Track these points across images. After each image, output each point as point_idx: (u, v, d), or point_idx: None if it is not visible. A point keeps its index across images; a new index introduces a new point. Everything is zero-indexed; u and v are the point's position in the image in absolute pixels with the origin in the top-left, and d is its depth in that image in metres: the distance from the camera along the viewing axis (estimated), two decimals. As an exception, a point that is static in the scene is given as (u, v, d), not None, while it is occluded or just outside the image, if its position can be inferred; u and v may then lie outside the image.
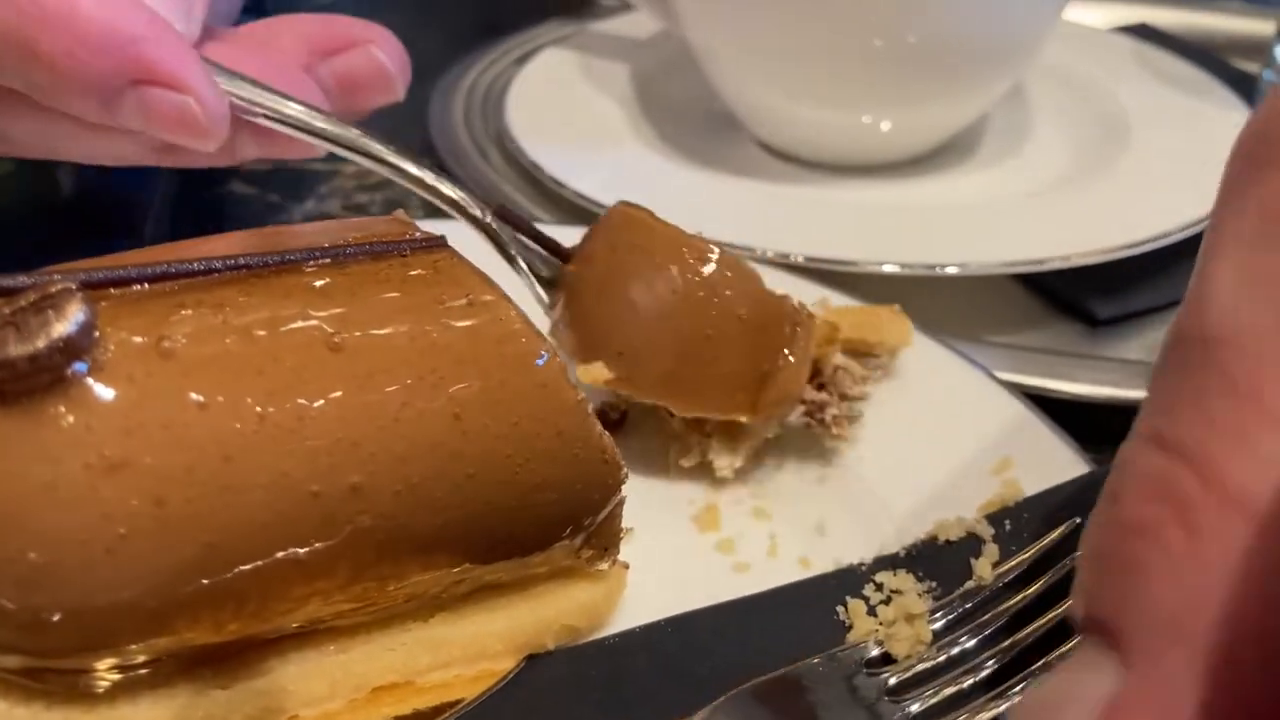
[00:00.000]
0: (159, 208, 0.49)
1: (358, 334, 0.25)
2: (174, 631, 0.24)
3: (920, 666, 0.27)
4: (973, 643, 0.27)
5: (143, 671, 0.25)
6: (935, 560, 0.30)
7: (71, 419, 0.23)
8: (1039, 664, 0.26)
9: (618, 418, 0.37)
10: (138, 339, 0.23)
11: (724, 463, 0.34)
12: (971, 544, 0.30)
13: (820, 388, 0.35)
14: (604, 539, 0.29)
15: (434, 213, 0.42)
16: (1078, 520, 0.29)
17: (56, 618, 0.23)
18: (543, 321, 0.32)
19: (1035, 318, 0.46)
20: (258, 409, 0.24)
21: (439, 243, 0.28)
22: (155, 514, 0.23)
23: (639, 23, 0.61)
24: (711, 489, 0.35)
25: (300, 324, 0.25)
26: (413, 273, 0.27)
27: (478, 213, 0.34)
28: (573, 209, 0.48)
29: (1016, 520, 0.30)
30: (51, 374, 0.22)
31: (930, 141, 0.53)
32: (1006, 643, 0.27)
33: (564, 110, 0.56)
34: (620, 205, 0.35)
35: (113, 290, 0.24)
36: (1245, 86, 0.59)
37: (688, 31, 0.53)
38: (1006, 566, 0.29)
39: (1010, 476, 0.32)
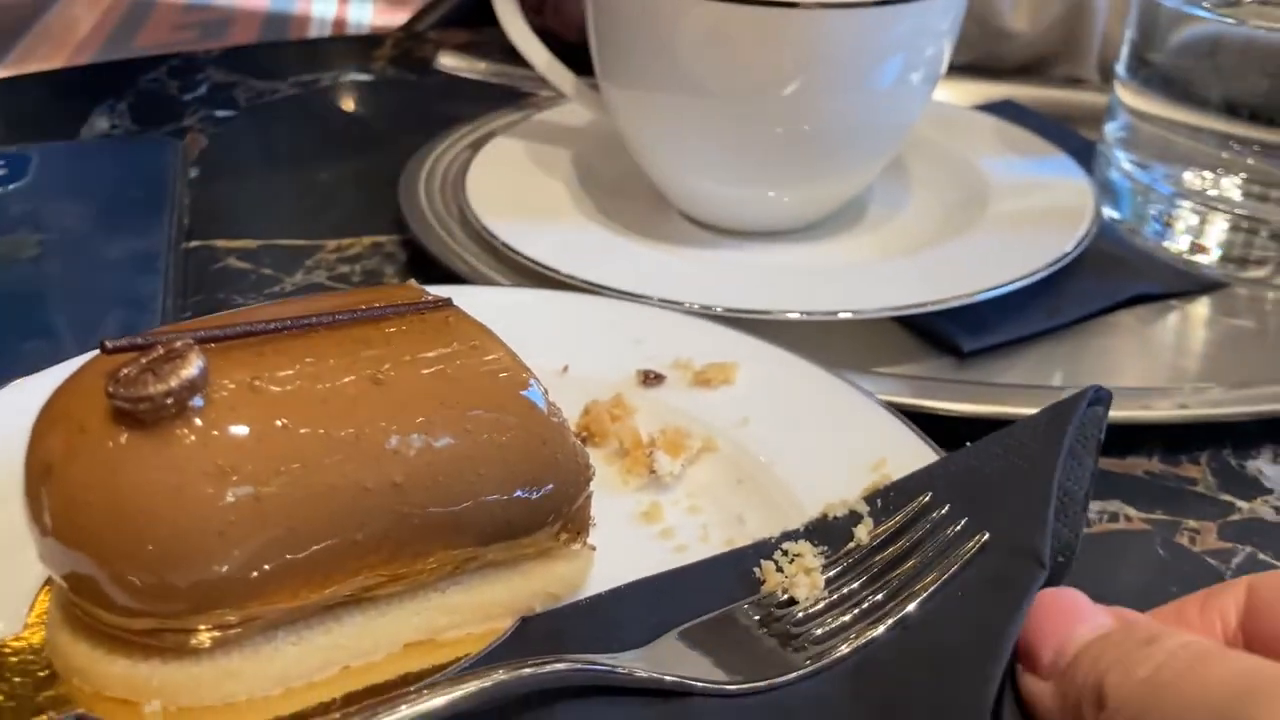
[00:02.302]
0: (169, 285, 0.57)
1: (393, 372, 0.33)
2: (264, 597, 0.32)
3: (818, 605, 0.36)
4: (855, 585, 0.36)
5: (234, 632, 0.32)
6: (826, 531, 0.38)
7: (192, 438, 0.31)
8: (904, 597, 0.35)
9: (582, 439, 0.45)
10: (236, 379, 0.32)
11: (666, 468, 0.43)
12: (853, 518, 0.39)
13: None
14: (577, 525, 0.37)
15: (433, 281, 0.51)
16: (928, 494, 0.38)
17: (179, 588, 0.31)
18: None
19: (913, 352, 0.55)
20: (323, 429, 0.32)
21: (447, 303, 0.37)
22: (254, 506, 0.31)
23: (577, 112, 0.70)
24: (654, 492, 0.43)
25: (351, 365, 0.33)
26: (430, 326, 0.35)
27: None
28: (526, 272, 0.57)
29: (885, 498, 0.39)
30: (178, 406, 0.30)
31: (825, 210, 0.63)
32: (879, 584, 0.36)
33: (515, 188, 0.64)
34: None
35: (214, 345, 0.32)
36: (1086, 154, 0.70)
37: (618, 122, 0.63)
38: (877, 531, 0.38)
39: (885, 471, 0.41)
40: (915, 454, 0.42)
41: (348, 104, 0.85)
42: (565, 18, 0.77)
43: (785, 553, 0.38)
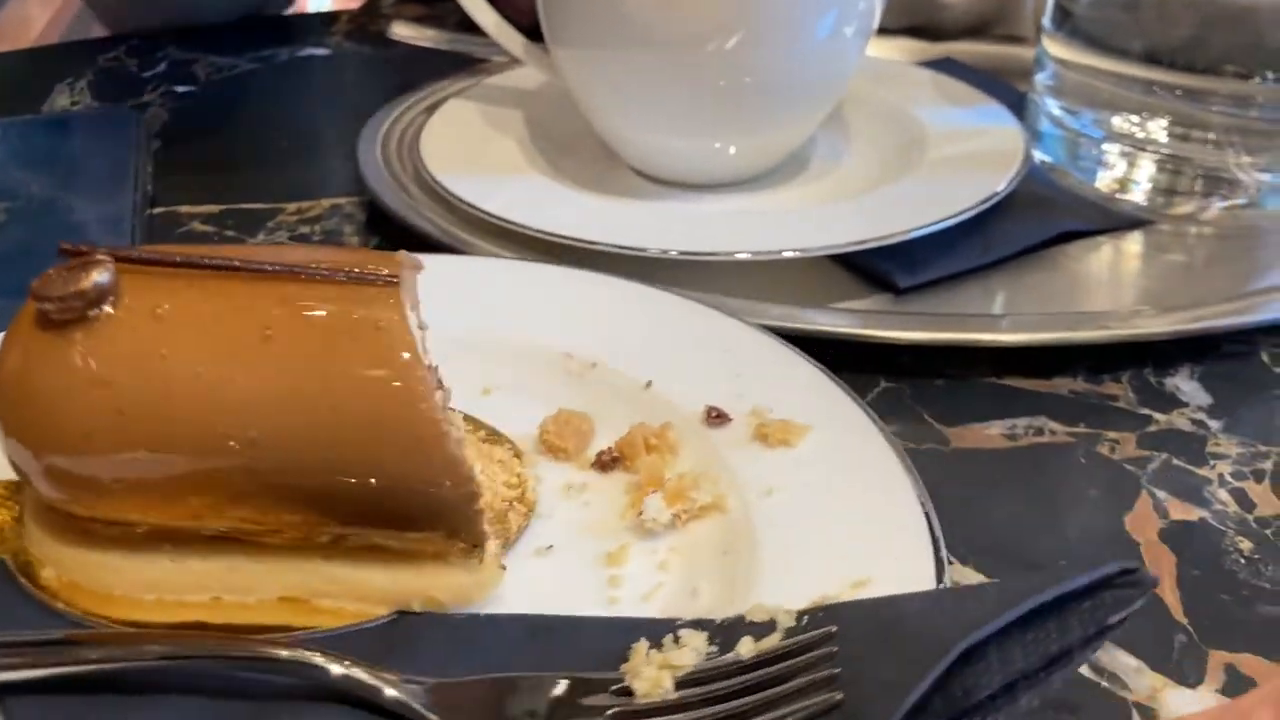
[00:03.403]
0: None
1: (284, 331, 0.33)
2: (128, 506, 0.34)
3: (649, 705, 0.32)
4: (697, 699, 0.32)
5: (114, 530, 0.35)
6: (733, 633, 0.34)
7: (81, 345, 0.33)
8: None
9: (609, 460, 0.43)
10: (144, 303, 0.33)
11: (651, 514, 0.40)
12: (766, 627, 0.34)
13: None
14: (469, 537, 0.36)
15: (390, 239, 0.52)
16: (836, 628, 0.33)
17: (54, 475, 0.34)
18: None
19: (853, 290, 0.58)
20: (198, 368, 0.33)
21: (390, 280, 0.34)
22: (117, 420, 0.33)
23: (528, 75, 0.72)
24: (637, 535, 0.40)
25: (253, 317, 0.33)
26: (358, 299, 0.34)
27: None
28: (484, 225, 0.59)
29: (814, 619, 0.34)
30: (78, 312, 0.33)
31: (769, 161, 0.65)
32: (719, 707, 0.32)
33: (470, 148, 0.66)
34: None
35: (142, 267, 0.34)
36: (1021, 105, 0.73)
37: (567, 82, 0.65)
38: (756, 650, 0.33)
39: (863, 592, 0.35)
40: (907, 584, 0.35)
41: (306, 77, 0.87)
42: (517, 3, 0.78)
43: (676, 639, 0.34)
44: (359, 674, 0.33)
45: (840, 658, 0.32)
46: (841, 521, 0.39)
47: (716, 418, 0.44)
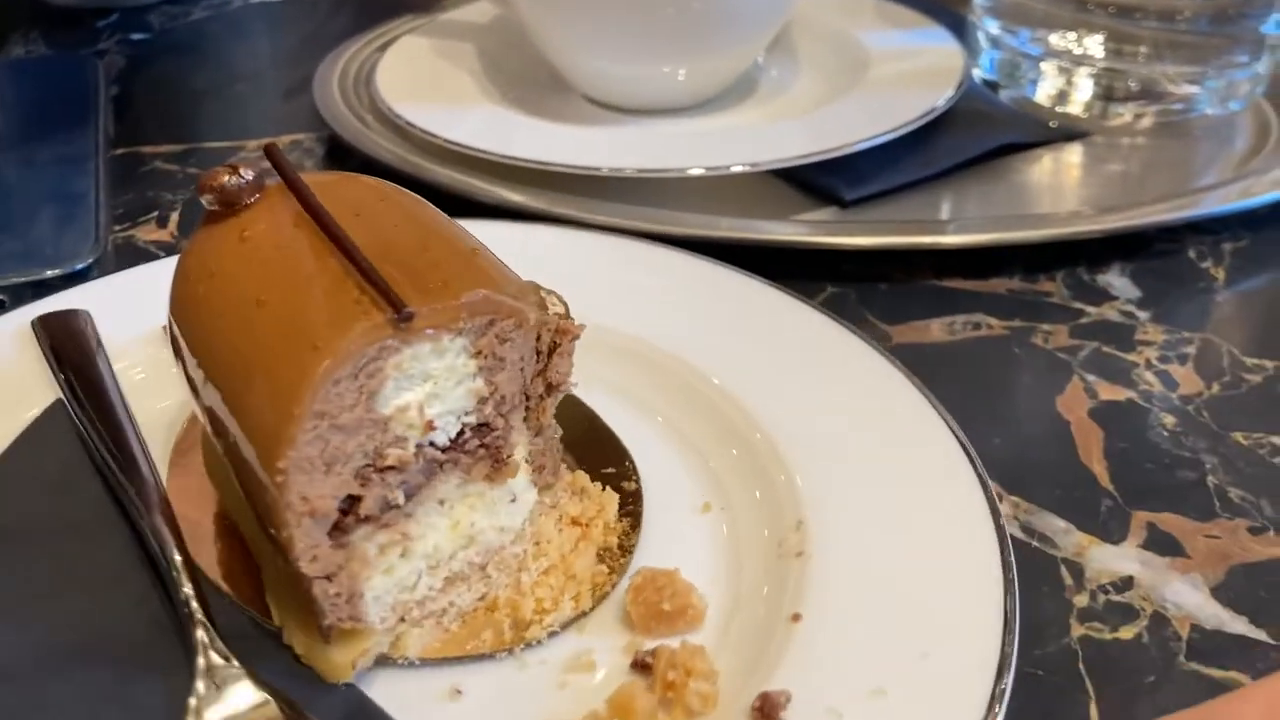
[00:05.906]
0: (101, 183, 0.60)
1: (272, 309, 0.33)
2: None
3: None
4: None
5: None
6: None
7: (213, 237, 0.37)
8: None
9: (641, 663, 0.36)
10: (245, 222, 0.36)
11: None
12: None
13: None
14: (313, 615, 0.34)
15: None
16: None
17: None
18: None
19: (801, 206, 0.60)
20: (214, 297, 0.35)
21: (403, 318, 0.32)
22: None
23: (480, 9, 0.73)
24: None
25: (279, 276, 0.34)
26: (348, 316, 0.32)
27: None
28: (441, 153, 0.61)
29: None
30: (224, 211, 0.36)
31: (717, 85, 0.67)
32: None
33: (425, 81, 0.67)
34: None
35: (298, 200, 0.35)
36: (959, 27, 0.75)
37: (519, 13, 0.66)
38: None
39: None
40: None
41: (260, 22, 0.88)
42: None
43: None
44: None
45: None
46: None
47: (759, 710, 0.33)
